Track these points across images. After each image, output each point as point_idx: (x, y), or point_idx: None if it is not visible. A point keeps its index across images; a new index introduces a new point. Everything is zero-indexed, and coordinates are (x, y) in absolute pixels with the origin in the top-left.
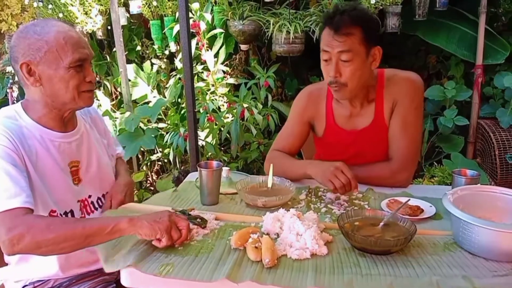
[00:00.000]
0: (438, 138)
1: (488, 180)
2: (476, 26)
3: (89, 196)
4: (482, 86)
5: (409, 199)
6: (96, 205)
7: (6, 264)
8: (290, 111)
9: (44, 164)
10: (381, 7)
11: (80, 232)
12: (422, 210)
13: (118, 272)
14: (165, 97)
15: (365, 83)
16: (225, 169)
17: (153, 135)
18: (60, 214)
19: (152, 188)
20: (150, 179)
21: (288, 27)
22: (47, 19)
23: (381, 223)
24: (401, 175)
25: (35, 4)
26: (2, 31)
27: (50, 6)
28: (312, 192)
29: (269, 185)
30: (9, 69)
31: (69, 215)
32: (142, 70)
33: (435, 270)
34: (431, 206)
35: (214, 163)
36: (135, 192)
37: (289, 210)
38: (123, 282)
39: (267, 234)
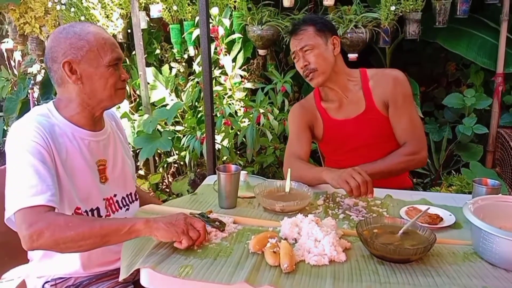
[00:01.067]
0: (456, 146)
1: (507, 190)
2: (497, 34)
3: (114, 195)
4: (502, 94)
5: (429, 207)
6: (121, 204)
7: (28, 261)
8: (289, 125)
9: (73, 161)
10: (401, 14)
11: (97, 231)
12: (442, 219)
13: (137, 272)
14: (183, 101)
15: (336, 68)
16: (243, 173)
17: (169, 138)
18: (86, 211)
19: (168, 190)
20: (166, 181)
21: None
22: (82, 22)
23: (400, 231)
24: (422, 153)
25: (58, 7)
26: (25, 33)
27: (72, 9)
28: (330, 197)
29: (287, 189)
30: (30, 70)
31: (95, 212)
32: (161, 73)
33: (455, 280)
34: (450, 215)
35: (233, 167)
36: (152, 194)
37: (307, 216)
38: (142, 282)
39: (285, 239)
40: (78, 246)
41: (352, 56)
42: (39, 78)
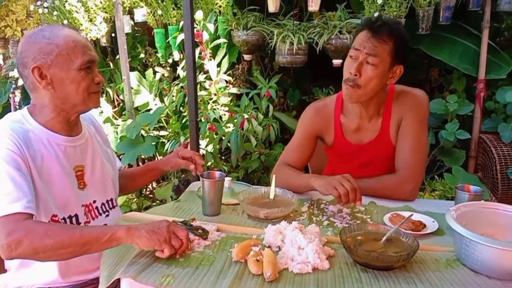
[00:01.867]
0: (439, 151)
1: (489, 195)
2: (479, 41)
3: (94, 201)
4: (484, 100)
5: (412, 214)
6: (101, 210)
7: (6, 271)
8: (297, 125)
9: (49, 168)
10: None
11: (77, 240)
12: (425, 226)
13: (117, 282)
14: (167, 105)
15: (377, 96)
16: (227, 179)
17: (153, 143)
18: (64, 219)
19: (151, 196)
20: (150, 186)
21: (291, 38)
22: (53, 25)
23: (384, 238)
24: (408, 186)
25: (40, 11)
26: (6, 37)
27: (55, 12)
28: (315, 204)
29: (271, 196)
30: (11, 74)
31: (74, 219)
32: (145, 77)
33: (437, 287)
34: (433, 222)
35: (217, 173)
36: (135, 200)
37: (291, 223)
38: None
39: (269, 246)
40: (58, 254)
41: (337, 62)
42: (20, 82)
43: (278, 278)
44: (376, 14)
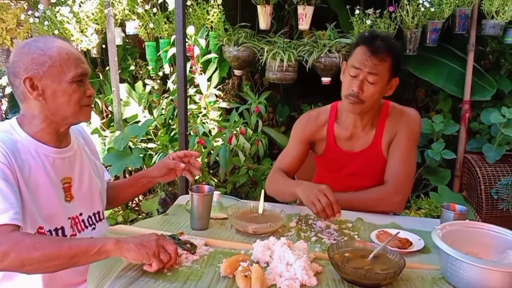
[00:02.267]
0: (425, 170)
1: (473, 214)
2: (464, 63)
3: (80, 214)
4: (469, 121)
5: (398, 232)
6: (87, 223)
7: None
8: (291, 133)
9: (36, 179)
10: None
11: (66, 252)
12: (411, 243)
13: None
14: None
15: (375, 106)
16: (216, 193)
17: (140, 155)
18: (50, 231)
19: (137, 209)
20: (136, 199)
21: (282, 55)
22: (46, 36)
23: (371, 255)
24: (396, 197)
25: (31, 20)
26: None
27: (46, 22)
28: (303, 219)
29: (260, 211)
30: None
31: (59, 232)
32: (134, 90)
33: None
34: (419, 239)
35: (206, 187)
36: (121, 212)
37: (279, 239)
38: None
39: (257, 262)
40: (45, 267)
41: (326, 79)
42: (8, 90)
43: None
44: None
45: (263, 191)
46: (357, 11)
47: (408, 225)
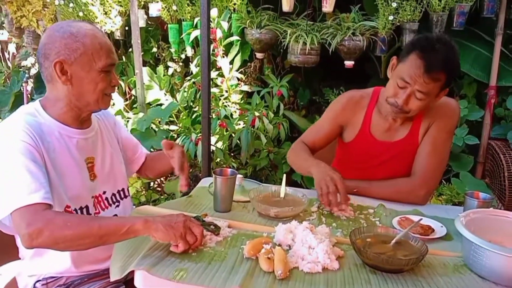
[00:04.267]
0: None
1: (496, 201)
2: (491, 47)
3: (104, 192)
4: (494, 107)
5: (421, 218)
6: (110, 201)
7: (20, 259)
8: (326, 109)
9: (61, 160)
10: (398, 24)
11: (96, 231)
12: (433, 230)
13: (129, 273)
14: (177, 101)
15: None
16: (238, 176)
17: (164, 137)
18: (76, 210)
19: (159, 189)
20: (158, 180)
21: (304, 38)
22: (80, 22)
23: (393, 241)
24: (421, 191)
25: (56, 2)
26: (22, 27)
27: (71, 4)
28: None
29: (282, 195)
30: (24, 63)
31: (84, 210)
32: (156, 73)
33: None
34: (442, 227)
35: (229, 170)
36: (144, 193)
37: (301, 223)
38: (136, 283)
39: (279, 245)
40: (76, 245)
41: (349, 63)
42: (33, 71)
43: (289, 276)
44: (432, 34)
45: (284, 175)
46: None
47: (431, 212)
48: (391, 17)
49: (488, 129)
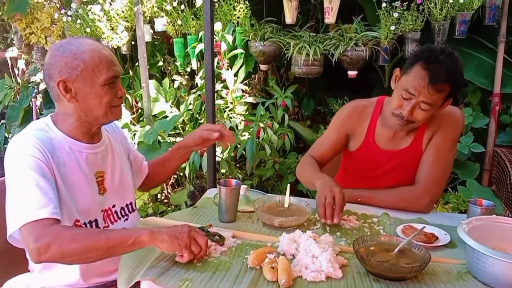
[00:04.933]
0: (453, 164)
1: (503, 208)
2: (494, 55)
3: (113, 206)
4: (499, 114)
5: (424, 226)
6: (120, 215)
7: (29, 270)
8: (332, 120)
9: (72, 175)
10: (400, 33)
11: (103, 244)
12: (437, 238)
13: (135, 284)
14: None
15: None
16: (243, 187)
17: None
18: (85, 223)
19: (166, 201)
20: (165, 192)
21: (307, 50)
22: (80, 38)
23: (396, 249)
24: (425, 199)
25: (64, 19)
26: (31, 43)
27: (78, 21)
28: None
29: (286, 205)
30: (33, 78)
31: (93, 224)
32: (161, 86)
33: None
34: (446, 234)
35: (233, 181)
36: (151, 205)
37: (305, 232)
38: None
39: (283, 254)
40: (84, 258)
41: (352, 73)
42: (42, 86)
43: (293, 286)
44: (435, 45)
45: (288, 185)
46: (384, 4)
47: (435, 220)
48: (393, 27)
49: (494, 136)
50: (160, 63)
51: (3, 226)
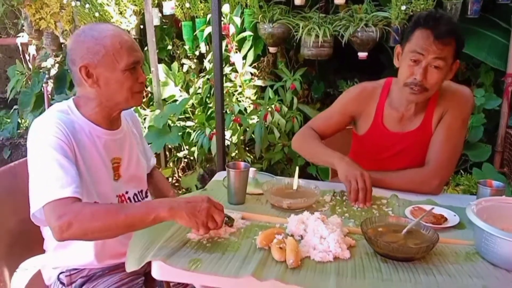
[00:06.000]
0: (464, 146)
1: None
2: (508, 34)
3: (126, 192)
4: (511, 95)
5: (433, 208)
6: (133, 201)
7: (43, 252)
8: (338, 98)
9: (91, 158)
10: (411, 13)
11: (122, 221)
12: (446, 219)
13: (147, 265)
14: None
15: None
16: (252, 170)
17: (179, 133)
18: None
19: (177, 184)
20: (176, 175)
21: (317, 31)
22: (101, 24)
23: (404, 230)
24: (434, 181)
25: (73, 4)
26: (41, 29)
27: (87, 5)
28: (337, 195)
29: (295, 187)
30: (44, 64)
31: None
32: (170, 70)
33: (456, 279)
34: (455, 215)
35: (242, 164)
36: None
37: (313, 213)
38: (154, 274)
39: (292, 235)
40: (104, 235)
41: (362, 54)
42: (53, 72)
43: (300, 265)
44: (429, 9)
45: (297, 168)
46: None
47: (445, 201)
48: (404, 7)
49: (506, 117)
50: (169, 47)
51: (17, 207)
